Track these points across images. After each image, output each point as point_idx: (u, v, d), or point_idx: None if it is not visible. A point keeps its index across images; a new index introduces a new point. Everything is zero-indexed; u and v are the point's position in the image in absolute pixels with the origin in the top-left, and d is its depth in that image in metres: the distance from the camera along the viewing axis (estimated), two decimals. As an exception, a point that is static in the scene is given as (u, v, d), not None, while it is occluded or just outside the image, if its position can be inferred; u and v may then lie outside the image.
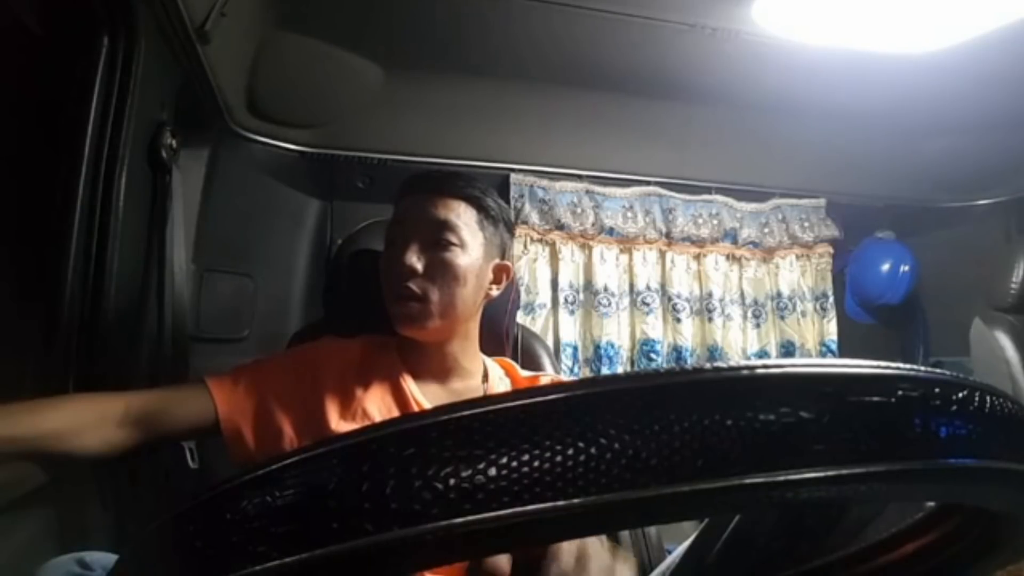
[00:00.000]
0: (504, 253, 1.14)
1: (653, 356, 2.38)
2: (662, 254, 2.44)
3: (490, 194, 1.11)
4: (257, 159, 1.89)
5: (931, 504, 0.41)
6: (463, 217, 1.06)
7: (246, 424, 0.99)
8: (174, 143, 1.28)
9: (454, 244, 1.04)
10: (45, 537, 0.97)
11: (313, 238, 2.11)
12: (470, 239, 1.06)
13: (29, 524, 0.94)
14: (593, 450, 0.23)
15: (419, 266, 1.03)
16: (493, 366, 1.16)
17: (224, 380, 1.02)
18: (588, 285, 2.35)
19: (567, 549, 0.71)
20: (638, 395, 0.24)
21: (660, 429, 0.23)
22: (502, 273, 1.13)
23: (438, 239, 1.04)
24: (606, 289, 2.34)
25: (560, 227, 2.29)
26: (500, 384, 1.13)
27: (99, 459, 0.94)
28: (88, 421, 0.91)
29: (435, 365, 1.09)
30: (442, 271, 1.03)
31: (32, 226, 1.15)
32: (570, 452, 0.23)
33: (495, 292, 1.13)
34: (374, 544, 0.22)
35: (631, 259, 2.41)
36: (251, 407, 1.00)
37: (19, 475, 0.90)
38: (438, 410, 0.24)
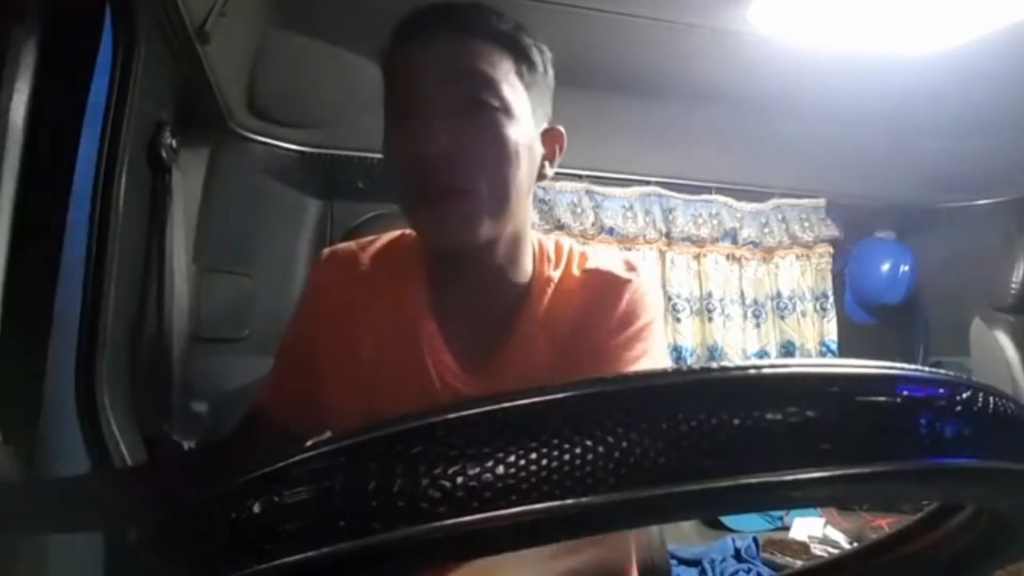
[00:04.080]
0: (552, 111, 0.84)
1: (653, 356, 2.38)
2: (662, 254, 2.44)
3: (526, 36, 0.80)
4: (257, 159, 1.88)
5: (931, 504, 0.42)
6: (500, 67, 0.75)
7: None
8: (174, 143, 1.28)
9: (496, 108, 0.74)
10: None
11: (313, 238, 2.11)
12: (513, 98, 0.75)
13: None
14: (601, 449, 0.23)
15: (452, 147, 0.72)
16: (548, 266, 0.86)
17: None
18: (588, 285, 2.35)
19: None
20: (646, 394, 0.24)
21: (668, 428, 0.23)
22: (555, 143, 0.84)
23: (473, 102, 0.73)
24: (606, 289, 2.34)
25: (560, 227, 2.29)
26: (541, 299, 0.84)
27: None
28: None
29: (475, 285, 0.82)
30: (485, 149, 0.73)
31: (31, 226, 1.14)
32: (578, 451, 0.23)
33: (550, 172, 0.84)
34: (381, 543, 0.22)
35: (631, 259, 2.40)
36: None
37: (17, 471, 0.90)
38: (446, 407, 0.24)
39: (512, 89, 0.76)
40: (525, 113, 0.77)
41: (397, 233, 0.91)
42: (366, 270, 0.87)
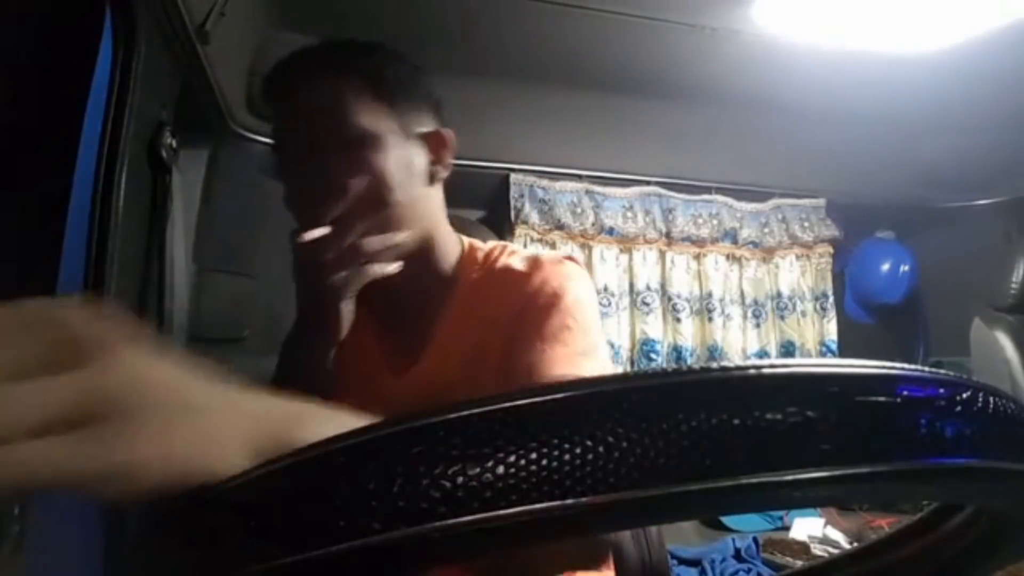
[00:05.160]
0: (435, 114, 0.88)
1: (653, 356, 2.38)
2: (662, 254, 2.45)
3: (376, 54, 0.83)
4: (257, 159, 1.88)
5: (931, 504, 0.42)
6: (351, 99, 0.80)
7: None
8: (174, 143, 1.28)
9: (354, 140, 0.79)
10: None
11: (313, 238, 2.11)
12: (373, 123, 0.79)
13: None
14: (601, 449, 0.23)
15: (325, 186, 0.79)
16: (473, 268, 0.89)
17: None
18: (588, 285, 2.35)
19: None
20: (646, 394, 0.24)
21: (668, 428, 0.23)
22: (440, 146, 0.86)
23: (334, 140, 0.78)
24: (606, 289, 2.34)
25: (560, 227, 2.29)
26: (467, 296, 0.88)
27: None
28: None
29: (398, 300, 0.87)
30: (357, 182, 0.78)
31: (31, 226, 1.14)
32: (578, 451, 0.23)
33: (443, 172, 0.86)
34: (381, 543, 0.22)
35: (631, 259, 2.41)
36: None
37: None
38: (446, 407, 0.24)
39: (370, 114, 0.80)
40: (391, 131, 0.81)
41: None
42: None
